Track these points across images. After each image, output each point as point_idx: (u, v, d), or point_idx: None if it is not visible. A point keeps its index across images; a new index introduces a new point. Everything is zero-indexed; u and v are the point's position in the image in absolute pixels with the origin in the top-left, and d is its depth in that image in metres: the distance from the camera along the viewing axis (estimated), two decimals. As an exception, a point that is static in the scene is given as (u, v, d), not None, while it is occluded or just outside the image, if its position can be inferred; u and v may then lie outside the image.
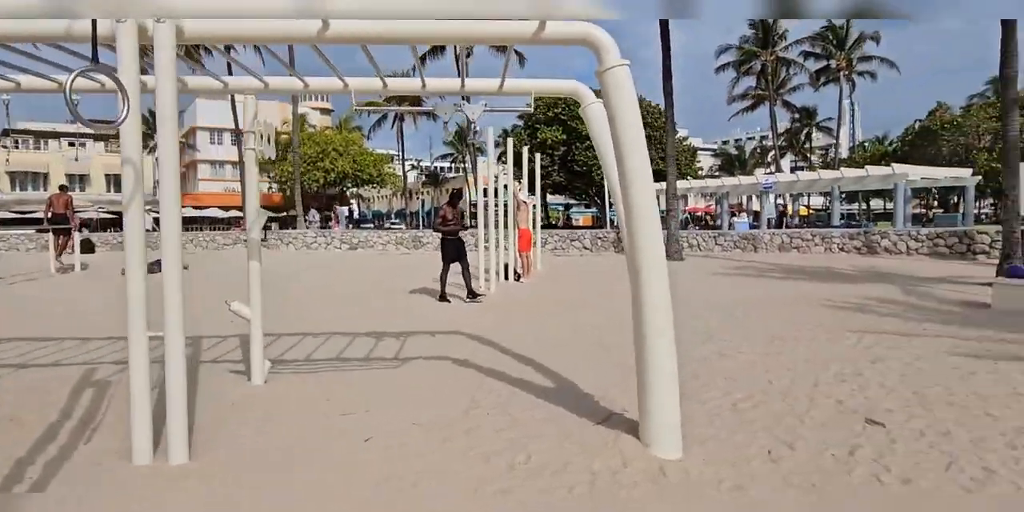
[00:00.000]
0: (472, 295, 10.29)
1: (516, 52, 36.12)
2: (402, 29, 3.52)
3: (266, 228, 27.21)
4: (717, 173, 50.25)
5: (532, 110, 4.83)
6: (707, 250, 21.51)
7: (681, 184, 33.92)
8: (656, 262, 3.56)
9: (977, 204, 42.80)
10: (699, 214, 50.05)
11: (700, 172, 53.18)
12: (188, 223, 38.98)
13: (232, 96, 33.58)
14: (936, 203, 43.67)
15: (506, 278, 13.09)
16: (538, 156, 16.70)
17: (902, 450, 3.81)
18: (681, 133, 50.07)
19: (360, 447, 3.77)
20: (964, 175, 28.64)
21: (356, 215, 58.90)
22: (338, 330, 7.61)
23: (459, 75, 4.84)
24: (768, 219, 26.55)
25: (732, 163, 55.01)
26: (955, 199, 39.63)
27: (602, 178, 32.26)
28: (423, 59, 35.86)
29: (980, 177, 29.19)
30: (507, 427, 4.13)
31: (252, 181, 4.90)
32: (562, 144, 37.33)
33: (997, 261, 14.75)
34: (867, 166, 28.79)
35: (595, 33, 3.61)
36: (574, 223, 59.00)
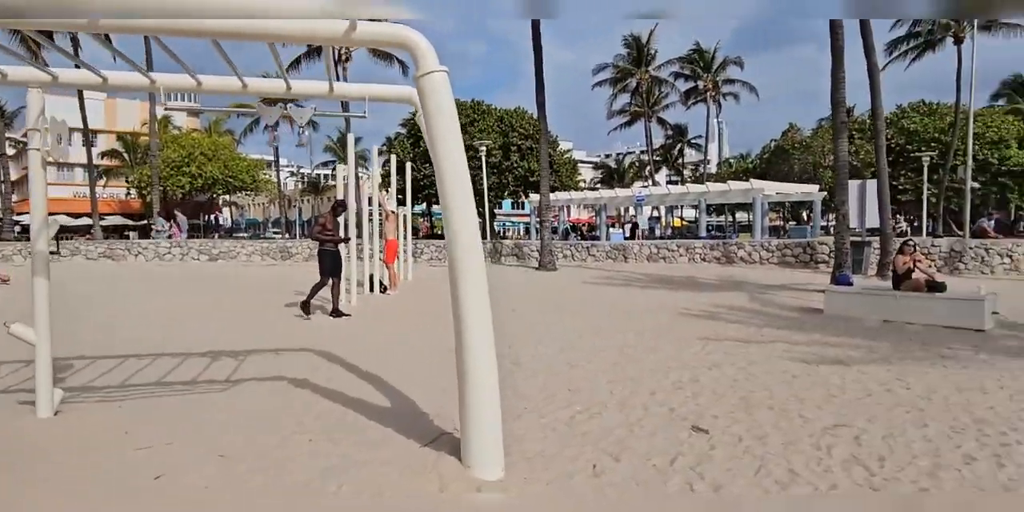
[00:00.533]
0: (337, 313, 9.75)
1: (399, 60, 35.60)
2: (197, 25, 3.18)
3: (59, 238, 24.72)
4: (598, 185, 52.15)
5: (365, 117, 4.58)
6: (580, 260, 22.08)
7: (562, 195, 34.79)
8: (473, 272, 3.43)
9: (825, 217, 47.10)
10: (581, 225, 51.55)
11: (582, 184, 55.00)
12: (27, 231, 35.04)
13: (80, 93, 30.64)
14: (790, 216, 47.62)
15: (371, 290, 12.68)
16: (408, 166, 16.42)
17: (719, 456, 3.90)
18: (565, 146, 51.58)
19: (144, 487, 3.34)
20: (812, 191, 31.28)
21: (229, 224, 55.65)
22: (170, 350, 6.95)
23: (327, 78, 4.53)
24: (642, 230, 27.77)
25: (612, 176, 57.30)
26: (806, 213, 43.39)
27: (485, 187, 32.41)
28: (297, 61, 34.48)
29: (826, 192, 32.10)
30: (325, 454, 3.84)
31: (38, 186, 4.29)
32: (445, 154, 37.10)
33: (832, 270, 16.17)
34: (729, 181, 30.83)
35: (411, 36, 3.45)
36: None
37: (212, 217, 46.19)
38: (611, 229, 32.01)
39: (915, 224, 36.50)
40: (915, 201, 32.23)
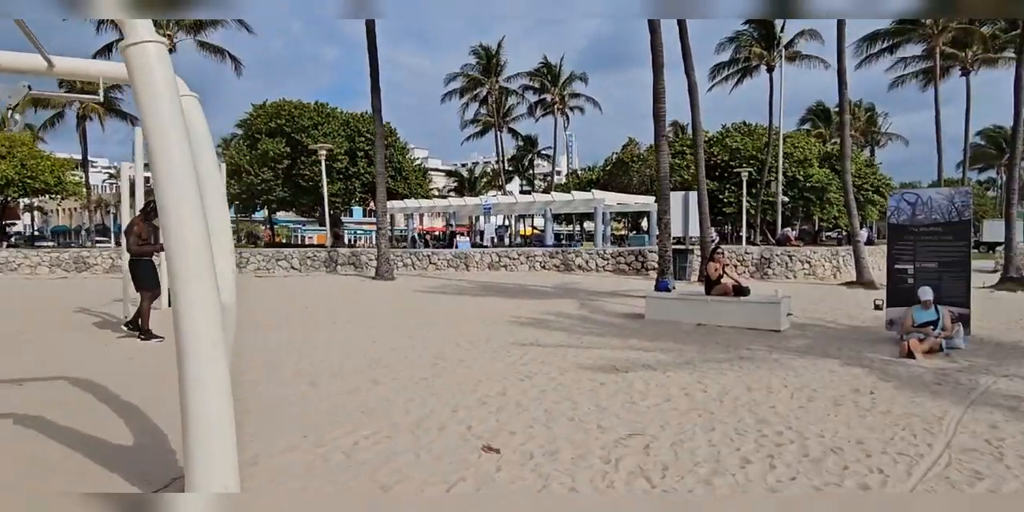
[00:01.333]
0: (147, 335, 8.28)
1: (231, 56, 33.11)
2: None
3: None
4: (450, 193, 52.04)
5: (101, 100, 3.81)
6: (422, 269, 21.65)
7: (411, 203, 34.17)
8: (196, 284, 2.84)
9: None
10: (435, 233, 51.08)
11: (435, 192, 54.68)
12: None
13: None
14: (631, 225, 50.53)
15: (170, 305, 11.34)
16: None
17: (504, 477, 3.61)
18: (420, 153, 51.02)
19: None
20: (649, 202, 33.27)
21: (30, 231, 48.92)
22: None
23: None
24: (490, 238, 27.91)
25: (464, 185, 57.52)
26: (646, 222, 46.19)
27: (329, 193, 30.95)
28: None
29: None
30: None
31: None
32: (286, 157, 35.16)
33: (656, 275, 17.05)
34: (573, 192, 31.94)
35: (118, -4, 2.82)
36: (307, 241, 56.16)
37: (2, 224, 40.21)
38: (459, 237, 31.88)
39: (740, 234, 40.02)
40: (739, 213, 35.40)
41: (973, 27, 34.35)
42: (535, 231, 55.50)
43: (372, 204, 37.08)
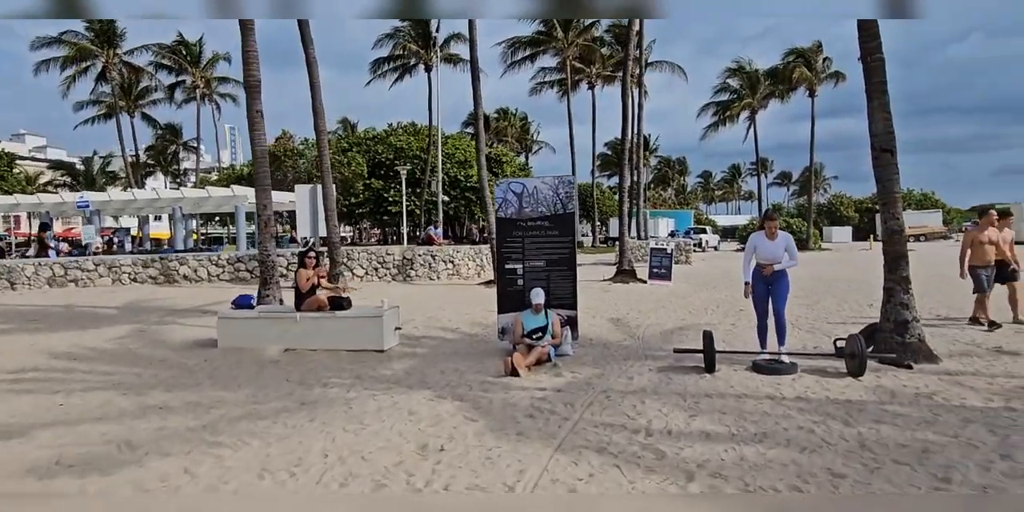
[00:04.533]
0: None
1: None
2: None
3: None
4: (57, 190, 41.50)
5: None
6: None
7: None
8: None
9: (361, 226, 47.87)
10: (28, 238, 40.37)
11: (47, 188, 43.37)
12: None
13: None
14: (289, 227, 46.68)
15: None
16: None
17: None
18: (37, 142, 39.55)
19: None
20: (305, 200, 30.41)
21: None
22: None
23: None
24: (93, 244, 22.03)
25: (80, 179, 46.49)
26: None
27: None
28: None
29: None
30: None
31: None
32: None
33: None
34: (209, 187, 27.42)
35: None
36: None
37: None
38: (60, 243, 24.96)
39: (402, 232, 39.55)
40: (403, 212, 34.71)
41: (594, 45, 39.06)
42: (200, 235, 47.89)
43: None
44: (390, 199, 38.83)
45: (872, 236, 37.01)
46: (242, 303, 7.68)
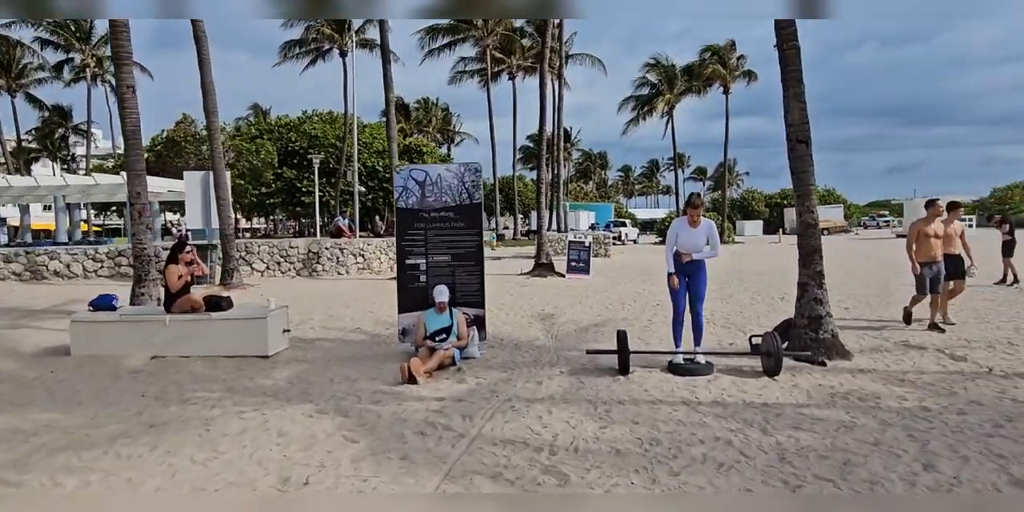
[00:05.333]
0: None
1: None
2: None
3: None
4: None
5: None
6: None
7: None
8: None
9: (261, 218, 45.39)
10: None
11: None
12: None
13: None
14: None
15: None
16: None
17: None
18: None
19: None
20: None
21: None
22: None
23: None
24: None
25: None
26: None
27: None
28: None
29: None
30: None
31: None
32: None
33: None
34: (94, 174, 25.18)
35: None
36: None
37: None
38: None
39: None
40: (317, 202, 33.11)
41: (514, 35, 38.59)
42: (97, 227, 44.17)
43: None
44: (304, 189, 37.12)
45: (781, 230, 38.50)
46: (101, 304, 6.66)
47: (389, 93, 14.89)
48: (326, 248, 15.12)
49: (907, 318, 7.78)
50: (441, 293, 6.21)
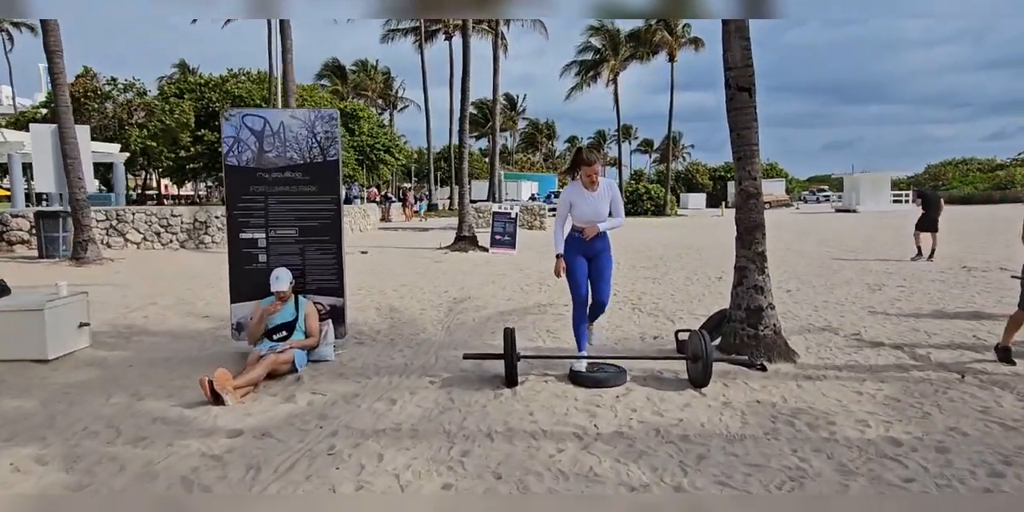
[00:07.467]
0: None
1: None
2: None
3: None
4: None
5: None
6: None
7: None
8: None
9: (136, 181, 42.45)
10: None
11: None
12: None
13: None
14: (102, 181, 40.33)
15: None
16: None
17: None
18: None
19: None
20: (112, 151, 26.18)
21: None
22: None
23: None
24: None
25: None
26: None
27: None
28: None
29: (128, 154, 27.19)
30: None
31: None
32: None
33: (37, 253, 11.46)
34: (-33, 130, 22.18)
35: None
36: None
37: None
38: None
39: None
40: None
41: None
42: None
43: None
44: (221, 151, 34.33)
45: (724, 203, 38.01)
46: None
47: (287, 42, 12.98)
48: (215, 217, 13.26)
49: (1004, 354, 4.80)
50: (280, 280, 4.72)
